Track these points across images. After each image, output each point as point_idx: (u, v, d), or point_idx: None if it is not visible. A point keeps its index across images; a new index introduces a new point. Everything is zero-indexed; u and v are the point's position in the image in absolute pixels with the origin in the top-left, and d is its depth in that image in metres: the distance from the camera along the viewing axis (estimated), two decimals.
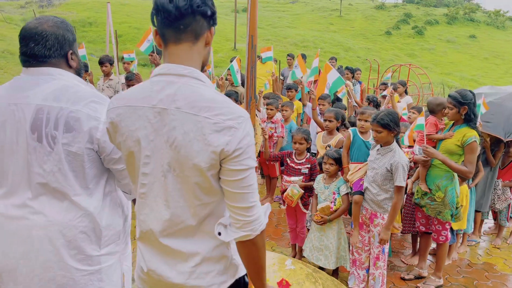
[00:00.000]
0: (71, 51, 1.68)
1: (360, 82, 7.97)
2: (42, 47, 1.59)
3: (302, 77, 6.59)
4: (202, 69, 1.34)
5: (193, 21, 1.24)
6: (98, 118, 1.55)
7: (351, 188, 3.36)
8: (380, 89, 6.60)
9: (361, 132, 3.50)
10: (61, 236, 1.56)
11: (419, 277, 3.70)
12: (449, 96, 3.40)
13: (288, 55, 9.00)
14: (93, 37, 21.26)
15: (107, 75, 6.17)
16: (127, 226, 1.82)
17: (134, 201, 1.87)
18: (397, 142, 2.99)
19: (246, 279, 1.46)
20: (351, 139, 3.47)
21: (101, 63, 6.13)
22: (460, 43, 32.89)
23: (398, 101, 6.01)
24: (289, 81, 7.55)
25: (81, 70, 1.79)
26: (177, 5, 1.20)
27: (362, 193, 3.15)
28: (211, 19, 1.29)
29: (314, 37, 28.08)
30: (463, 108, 3.30)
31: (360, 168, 3.27)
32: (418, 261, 3.81)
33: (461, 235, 4.40)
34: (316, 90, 5.40)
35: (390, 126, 2.86)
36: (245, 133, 1.22)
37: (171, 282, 1.33)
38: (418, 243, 4.06)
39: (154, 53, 5.54)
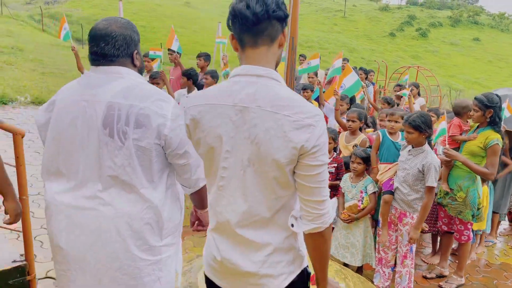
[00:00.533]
0: (136, 51, 1.75)
1: (373, 83, 8.06)
2: (111, 47, 1.66)
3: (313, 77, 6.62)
4: (275, 69, 1.42)
5: (269, 25, 1.30)
6: (165, 115, 1.62)
7: (379, 188, 3.43)
8: (395, 91, 6.68)
9: (390, 133, 3.57)
10: (128, 227, 1.63)
11: (441, 276, 3.77)
12: (475, 98, 3.48)
13: (300, 55, 9.07)
14: None
15: None
16: (181, 219, 1.90)
17: (191, 195, 1.95)
18: (429, 143, 3.06)
19: (309, 270, 1.53)
20: (380, 140, 3.54)
21: None
22: (464, 45, 32.94)
23: (413, 103, 6.08)
24: (302, 80, 7.61)
25: (143, 70, 1.87)
26: (254, 11, 1.26)
27: (392, 193, 3.22)
28: (284, 22, 1.36)
29: (318, 38, 28.15)
30: (489, 111, 3.38)
31: (389, 168, 3.34)
32: (440, 260, 3.87)
33: (479, 235, 4.46)
34: (329, 89, 5.44)
35: (421, 127, 2.93)
36: (322, 131, 1.29)
37: (244, 270, 1.40)
38: (438, 243, 4.13)
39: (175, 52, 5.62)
